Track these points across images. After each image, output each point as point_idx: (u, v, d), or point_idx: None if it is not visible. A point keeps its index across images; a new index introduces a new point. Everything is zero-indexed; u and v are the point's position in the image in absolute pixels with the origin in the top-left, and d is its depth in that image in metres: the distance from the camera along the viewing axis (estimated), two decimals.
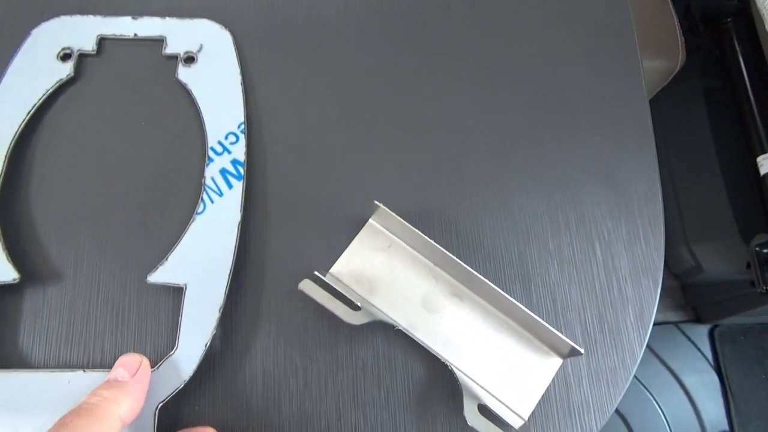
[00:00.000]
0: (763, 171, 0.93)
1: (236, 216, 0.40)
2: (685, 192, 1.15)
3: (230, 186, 0.41)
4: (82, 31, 0.44)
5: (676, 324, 1.23)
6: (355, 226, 0.39)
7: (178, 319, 0.36)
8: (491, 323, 0.37)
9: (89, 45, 0.43)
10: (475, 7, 0.47)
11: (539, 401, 0.36)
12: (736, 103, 1.00)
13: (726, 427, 1.15)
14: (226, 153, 0.42)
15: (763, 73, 0.97)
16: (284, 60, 0.45)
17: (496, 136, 0.43)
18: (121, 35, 0.44)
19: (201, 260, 0.38)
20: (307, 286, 0.35)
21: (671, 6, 0.83)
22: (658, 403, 1.16)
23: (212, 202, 0.40)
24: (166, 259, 0.38)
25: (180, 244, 0.39)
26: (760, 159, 0.94)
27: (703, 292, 1.20)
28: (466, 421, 0.33)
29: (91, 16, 0.44)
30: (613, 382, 0.37)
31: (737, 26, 1.02)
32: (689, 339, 1.21)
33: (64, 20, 0.44)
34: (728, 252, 1.02)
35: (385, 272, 0.38)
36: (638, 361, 0.38)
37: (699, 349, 1.20)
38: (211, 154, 0.41)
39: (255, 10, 0.46)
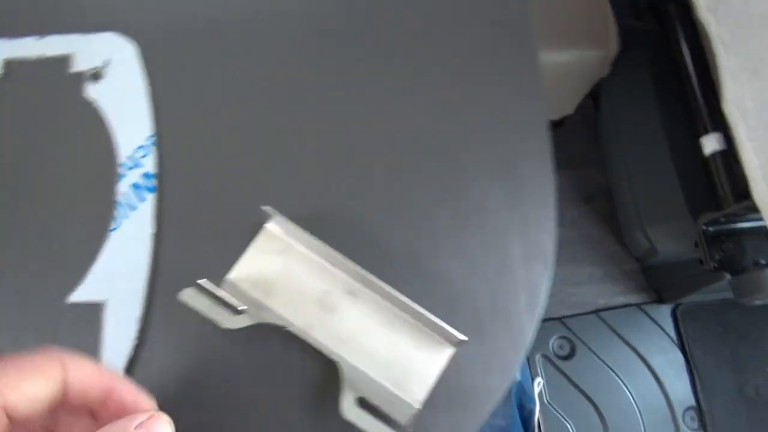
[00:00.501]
0: (705, 151, 0.95)
1: (150, 229, 0.41)
2: (638, 176, 1.17)
3: (143, 199, 0.42)
4: None
5: (639, 306, 1.25)
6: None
7: (99, 335, 0.38)
8: (386, 318, 0.39)
9: None
10: (369, 8, 0.48)
11: (432, 389, 0.38)
12: (682, 87, 1.02)
13: (693, 403, 1.17)
14: (137, 167, 0.43)
15: (703, 56, 0.99)
16: (190, 70, 0.46)
17: (390, 133, 0.45)
18: (27, 57, 0.45)
19: (119, 275, 0.40)
20: (187, 295, 0.36)
21: None
22: (626, 385, 1.18)
23: (126, 217, 0.42)
24: (85, 278, 0.40)
25: (97, 262, 0.40)
26: (702, 139, 0.96)
27: (662, 273, 1.22)
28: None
29: None
30: (503, 366, 0.39)
31: (679, 12, 1.04)
32: (653, 320, 1.23)
33: None
34: (680, 232, 1.05)
35: (282, 275, 0.39)
36: (527, 344, 0.40)
37: (663, 329, 1.22)
38: (122, 169, 0.43)
39: (159, 20, 0.47)
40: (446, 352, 0.38)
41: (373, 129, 0.45)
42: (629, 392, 1.17)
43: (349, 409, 0.35)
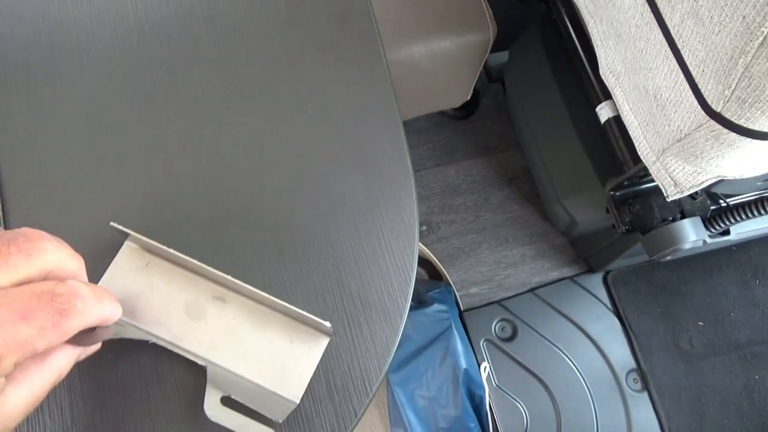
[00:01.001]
0: (602, 119, 0.99)
1: None
2: (548, 153, 1.20)
3: None
4: None
5: (571, 278, 1.28)
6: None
7: None
8: (257, 318, 0.38)
9: None
10: (216, 16, 0.48)
11: (312, 381, 0.37)
12: (572, 60, 1.06)
13: (633, 365, 1.20)
14: None
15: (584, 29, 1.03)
16: (23, 81, 0.45)
17: (251, 133, 0.44)
18: None
19: None
20: None
21: None
22: (569, 358, 1.20)
23: None
24: None
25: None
26: (597, 109, 1.00)
27: (587, 243, 1.26)
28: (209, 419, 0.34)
29: None
30: (382, 349, 0.39)
31: None
32: (586, 289, 1.26)
33: None
34: (593, 201, 1.08)
35: (146, 290, 0.38)
36: (402, 321, 0.40)
37: (596, 297, 1.26)
38: None
39: None
40: (321, 344, 0.38)
41: (238, 130, 0.44)
42: (573, 364, 1.20)
43: (212, 408, 0.34)
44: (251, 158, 0.44)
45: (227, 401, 0.35)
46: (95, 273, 0.39)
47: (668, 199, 0.76)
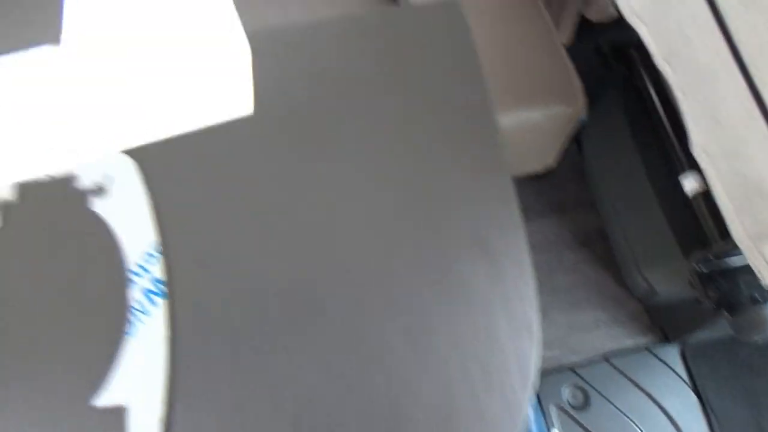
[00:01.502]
0: (686, 189, 0.98)
1: (164, 332, 0.44)
2: (628, 219, 1.19)
3: (155, 304, 0.45)
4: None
5: (647, 348, 1.25)
6: None
7: None
8: None
9: (11, 194, 0.48)
10: (348, 100, 0.52)
11: None
12: (655, 127, 1.06)
13: None
14: (146, 273, 0.46)
15: (669, 97, 1.03)
16: (186, 177, 0.50)
17: (376, 219, 0.48)
18: (36, 178, 0.49)
19: (139, 378, 0.42)
20: None
21: (565, 56, 0.90)
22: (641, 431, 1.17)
23: (140, 321, 0.44)
24: (106, 382, 0.42)
25: (116, 366, 0.42)
26: (681, 178, 0.99)
27: (665, 312, 1.23)
28: None
29: None
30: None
31: (642, 56, 1.09)
32: (663, 362, 1.23)
33: None
34: (675, 272, 1.06)
35: None
36: (523, 411, 0.41)
37: (674, 371, 1.22)
38: (131, 276, 0.46)
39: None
40: None
41: (359, 214, 0.48)
42: None
43: None
44: (378, 243, 0.47)
45: None
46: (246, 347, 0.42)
47: (765, 283, 0.75)
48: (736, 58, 0.65)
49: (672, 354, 1.23)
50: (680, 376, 1.20)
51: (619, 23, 1.20)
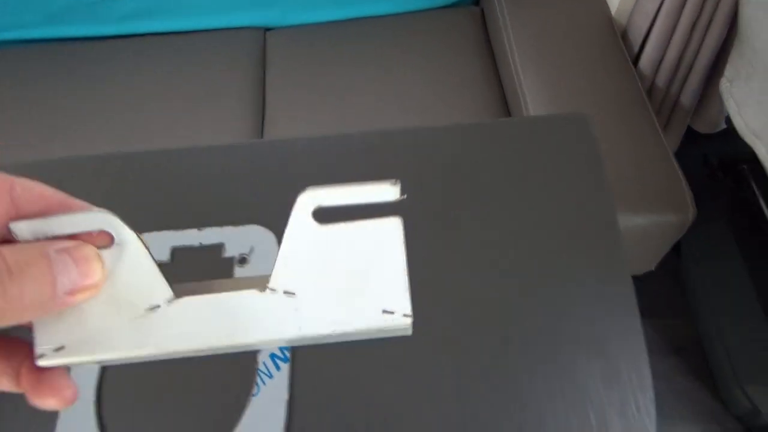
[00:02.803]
0: None
1: (284, 395, 0.47)
2: (730, 332, 1.14)
3: (278, 368, 0.49)
4: (160, 245, 0.55)
5: None
6: None
7: None
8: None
9: (165, 256, 0.55)
10: (479, 203, 0.56)
11: None
12: (764, 242, 1.03)
13: None
14: None
15: None
16: None
17: (497, 315, 0.50)
18: (189, 245, 0.55)
19: None
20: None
21: (676, 165, 0.91)
22: None
23: (264, 384, 0.48)
24: None
25: (240, 425, 0.46)
26: None
27: None
28: None
29: (166, 231, 0.56)
30: None
31: (753, 171, 1.08)
32: None
33: (144, 237, 0.56)
34: None
35: None
36: None
37: None
38: None
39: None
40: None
41: (479, 310, 0.50)
42: None
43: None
44: (495, 339, 0.49)
45: None
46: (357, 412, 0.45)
47: None
48: None
49: None
50: None
51: (725, 134, 1.20)
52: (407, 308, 0.27)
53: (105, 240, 0.24)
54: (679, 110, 1.05)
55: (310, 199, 0.26)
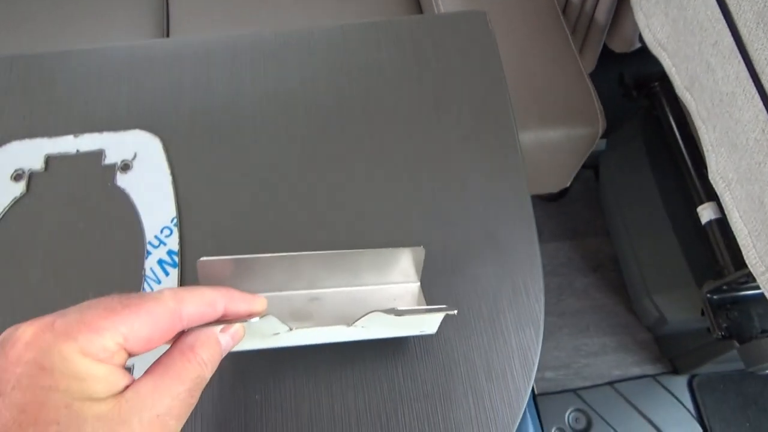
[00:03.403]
0: (703, 220, 0.99)
1: None
2: (641, 245, 1.19)
3: (167, 274, 0.46)
4: (32, 153, 0.51)
5: (654, 377, 1.24)
6: None
7: None
8: (354, 298, 0.43)
9: (38, 164, 0.51)
10: (364, 97, 0.54)
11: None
12: (674, 159, 1.07)
13: None
14: (162, 245, 0.48)
15: (691, 130, 1.05)
16: (207, 155, 0.51)
17: (395, 208, 0.49)
18: (65, 152, 0.51)
19: None
20: None
21: (586, 77, 0.92)
22: None
23: (152, 289, 0.46)
24: None
25: None
26: (699, 209, 1.00)
27: (675, 342, 1.22)
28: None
29: (38, 139, 0.51)
30: (501, 425, 0.41)
31: (664, 89, 1.11)
32: (669, 391, 1.22)
33: (15, 145, 0.51)
34: (687, 301, 1.06)
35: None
36: (524, 405, 0.42)
37: (680, 401, 1.20)
38: (149, 248, 0.47)
39: (179, 116, 0.53)
40: (415, 288, 0.43)
41: (371, 205, 0.49)
42: None
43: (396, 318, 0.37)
44: (395, 230, 0.48)
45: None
46: None
47: None
48: (756, 83, 0.66)
49: (679, 384, 1.22)
50: (686, 407, 1.19)
51: (641, 54, 1.22)
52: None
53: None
54: (595, 27, 1.06)
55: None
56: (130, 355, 0.29)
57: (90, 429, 0.25)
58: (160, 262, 0.47)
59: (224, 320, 0.34)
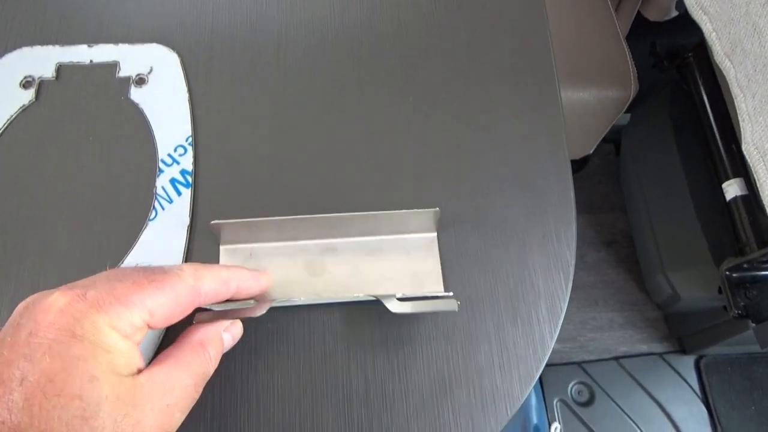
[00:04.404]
0: (728, 197, 0.95)
1: (185, 220, 0.43)
2: (660, 222, 1.16)
3: (179, 193, 0.44)
4: (42, 60, 0.48)
5: (660, 355, 1.22)
6: None
7: None
8: (371, 249, 0.42)
9: (49, 72, 0.48)
10: (397, 29, 0.51)
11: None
12: (702, 133, 1.03)
13: None
14: (175, 164, 0.45)
15: (722, 103, 1.01)
16: (228, 77, 0.49)
17: (423, 148, 0.46)
18: (78, 62, 0.48)
19: (154, 262, 0.41)
20: (203, 317, 0.35)
21: (622, 39, 0.88)
22: None
23: (163, 209, 0.43)
24: (122, 262, 0.41)
25: (134, 248, 0.42)
26: (724, 185, 0.96)
27: (685, 321, 1.20)
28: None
29: (50, 46, 0.49)
30: (524, 372, 0.39)
31: (698, 60, 1.06)
32: (675, 370, 1.20)
33: (26, 51, 0.48)
34: (703, 278, 1.03)
35: None
36: (548, 352, 0.40)
37: (685, 380, 1.19)
38: (161, 165, 0.45)
39: (201, 34, 0.50)
40: (433, 239, 0.42)
41: (400, 141, 0.46)
42: None
43: (397, 306, 0.36)
44: (421, 167, 0.45)
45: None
46: None
47: None
48: None
49: (685, 364, 1.20)
50: (691, 387, 1.18)
51: (676, 24, 1.17)
52: (440, 288, 0.41)
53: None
54: None
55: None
56: (150, 329, 0.30)
57: (107, 408, 0.25)
58: (173, 180, 0.44)
59: (234, 299, 0.36)
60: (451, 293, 0.37)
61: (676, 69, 1.12)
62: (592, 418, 1.15)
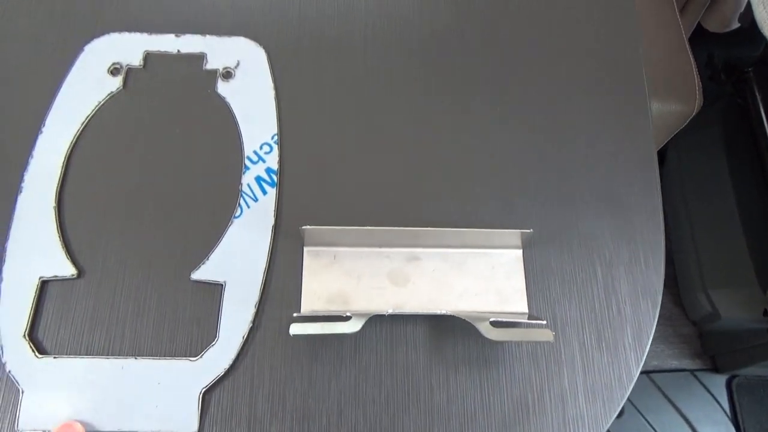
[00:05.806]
0: None
1: (270, 220, 0.43)
2: (704, 239, 1.15)
3: (265, 192, 0.44)
4: (130, 48, 0.48)
5: (692, 372, 1.21)
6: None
7: (217, 314, 0.39)
8: (455, 261, 0.41)
9: (137, 60, 0.48)
10: (493, 34, 0.50)
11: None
12: (757, 152, 1.01)
13: None
14: (261, 162, 0.45)
15: None
16: (313, 75, 0.48)
17: (508, 159, 0.45)
18: (165, 51, 0.48)
19: (239, 260, 0.41)
20: (298, 329, 0.36)
21: (689, 51, 0.86)
22: None
23: (248, 207, 0.43)
24: (208, 259, 0.41)
25: (220, 245, 0.42)
26: None
27: (720, 340, 1.18)
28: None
29: (138, 34, 0.48)
30: (608, 398, 0.38)
31: (758, 76, 1.04)
32: (706, 388, 1.19)
33: (114, 37, 0.48)
34: (746, 299, 1.02)
35: (346, 280, 0.40)
36: (634, 380, 0.39)
37: (716, 399, 1.18)
38: (247, 162, 0.45)
39: (287, 29, 0.50)
40: (518, 256, 0.41)
41: (484, 151, 0.46)
42: None
43: (492, 333, 0.36)
44: (506, 178, 0.45)
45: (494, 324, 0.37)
46: None
47: None
48: None
49: (717, 383, 1.19)
50: (722, 406, 1.16)
51: (733, 37, 1.14)
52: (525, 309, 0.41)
53: None
54: (695, 0, 0.99)
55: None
56: None
57: None
58: (258, 179, 0.44)
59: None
60: (544, 321, 0.37)
61: (732, 83, 1.09)
62: (618, 430, 1.14)
